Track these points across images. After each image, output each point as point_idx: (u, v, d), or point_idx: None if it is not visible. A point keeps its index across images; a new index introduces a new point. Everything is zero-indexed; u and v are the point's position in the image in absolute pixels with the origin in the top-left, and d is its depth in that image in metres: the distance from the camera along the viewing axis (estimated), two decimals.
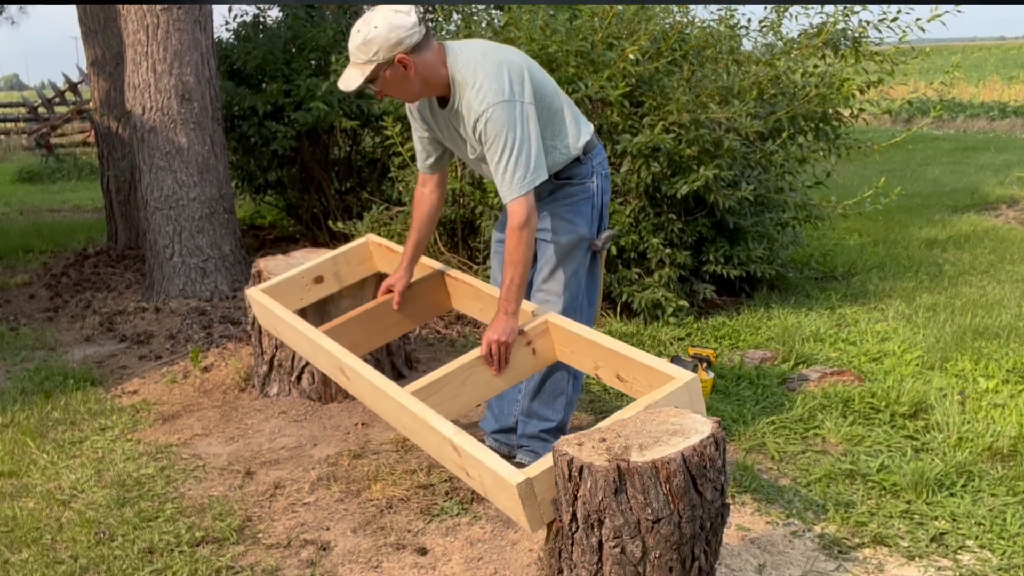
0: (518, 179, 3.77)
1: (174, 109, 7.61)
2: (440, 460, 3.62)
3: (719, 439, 2.94)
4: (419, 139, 4.30)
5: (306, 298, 4.97)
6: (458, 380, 3.85)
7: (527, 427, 4.40)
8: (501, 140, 3.75)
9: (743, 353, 6.09)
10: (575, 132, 4.12)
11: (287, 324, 4.52)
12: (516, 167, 3.76)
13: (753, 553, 3.73)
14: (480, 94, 3.76)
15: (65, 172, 18.92)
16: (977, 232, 9.65)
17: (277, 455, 4.77)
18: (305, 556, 3.79)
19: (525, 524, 3.10)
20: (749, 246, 6.98)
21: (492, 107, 3.74)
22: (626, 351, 3.62)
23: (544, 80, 4.04)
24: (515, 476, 3.03)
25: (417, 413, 3.52)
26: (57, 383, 5.90)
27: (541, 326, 3.98)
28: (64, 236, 11.46)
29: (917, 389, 5.22)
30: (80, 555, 3.83)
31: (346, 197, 9.63)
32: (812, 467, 4.45)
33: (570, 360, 3.98)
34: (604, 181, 4.25)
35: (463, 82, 3.83)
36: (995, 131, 21.00)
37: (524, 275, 3.85)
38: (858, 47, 7.45)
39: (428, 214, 4.45)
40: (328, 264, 5.05)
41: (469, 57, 3.86)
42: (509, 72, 3.81)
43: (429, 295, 4.67)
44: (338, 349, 4.11)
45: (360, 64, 3.78)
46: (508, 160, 3.75)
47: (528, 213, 3.78)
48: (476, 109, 3.77)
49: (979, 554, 3.70)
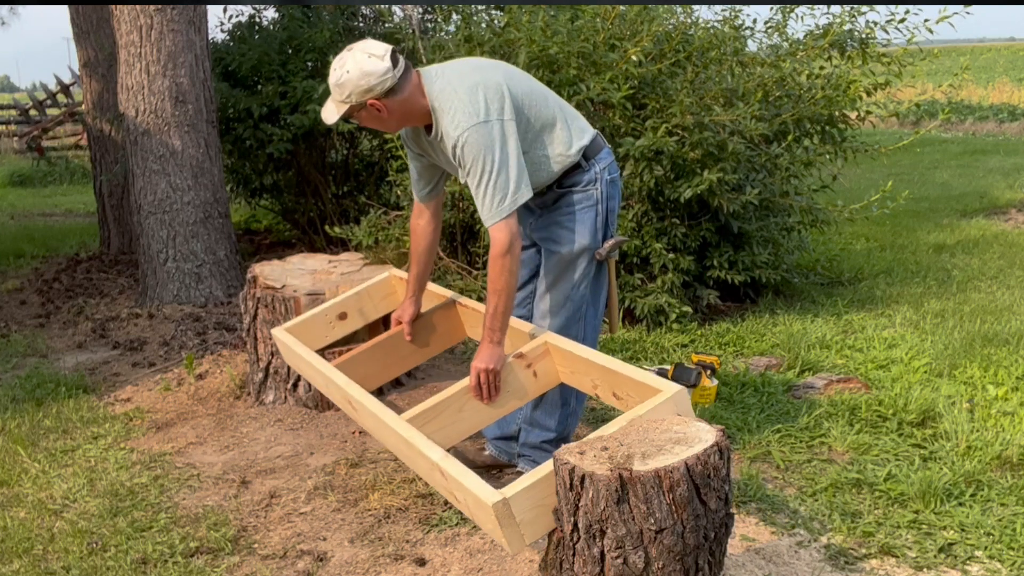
0: (497, 202, 3.69)
1: (168, 111, 7.57)
2: (435, 486, 3.60)
3: (723, 447, 2.91)
4: (415, 167, 4.26)
5: (330, 335, 4.93)
6: (455, 406, 3.81)
7: (529, 436, 4.34)
8: (479, 164, 3.68)
9: (748, 360, 6.04)
10: (568, 138, 4.00)
11: (304, 360, 4.51)
12: (495, 190, 3.68)
13: (758, 564, 3.68)
14: (455, 120, 3.72)
15: (57, 176, 18.96)
16: (986, 237, 9.60)
17: (273, 464, 4.71)
18: (301, 567, 3.75)
19: (505, 544, 3.06)
20: (754, 251, 6.92)
21: (466, 131, 3.69)
22: (620, 368, 3.57)
23: (529, 91, 3.96)
24: (491, 496, 2.97)
25: (409, 439, 3.49)
26: (49, 391, 5.86)
27: (540, 348, 3.92)
28: (56, 241, 11.44)
29: (925, 397, 5.16)
30: (72, 566, 3.80)
31: (343, 201, 9.61)
32: (818, 476, 4.39)
33: (571, 380, 3.92)
34: (610, 187, 4.13)
35: (439, 109, 3.79)
36: (1004, 134, 20.97)
37: (508, 303, 3.79)
38: (865, 48, 7.43)
39: (427, 247, 4.41)
40: (352, 300, 5.01)
41: (444, 83, 3.83)
42: (485, 92, 3.75)
43: (441, 325, 4.65)
44: (345, 381, 4.08)
45: (336, 100, 3.83)
46: (487, 184, 3.68)
47: (510, 239, 3.70)
48: (452, 135, 3.73)
49: (988, 565, 3.65)
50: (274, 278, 5.40)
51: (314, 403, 5.32)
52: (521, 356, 3.88)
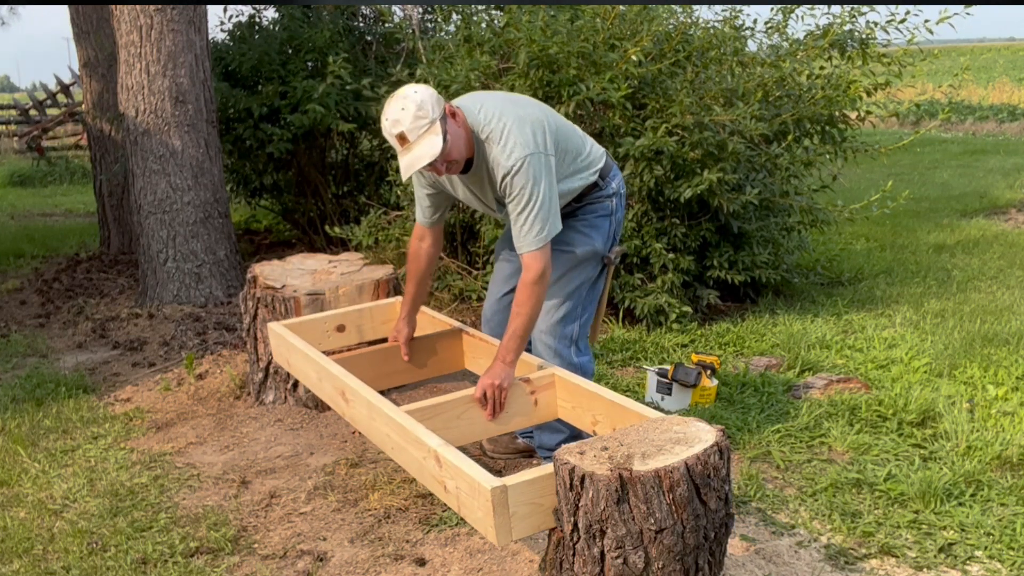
0: (537, 231, 3.83)
1: (168, 111, 7.56)
2: (420, 478, 3.57)
3: (723, 448, 2.93)
4: (425, 195, 4.31)
5: (325, 343, 4.91)
6: (455, 411, 3.83)
7: (543, 438, 4.51)
8: (527, 193, 3.80)
9: (748, 360, 6.03)
10: (590, 163, 4.22)
11: (299, 352, 4.51)
12: (536, 220, 3.81)
13: (758, 564, 3.68)
14: (507, 148, 3.82)
15: (57, 175, 18.94)
16: (986, 237, 9.58)
17: (273, 464, 4.71)
18: (301, 567, 3.75)
19: (492, 535, 3.04)
20: (754, 251, 6.92)
21: (521, 160, 3.79)
22: (624, 403, 3.58)
23: (562, 124, 4.16)
24: (490, 481, 2.98)
25: (406, 426, 3.50)
26: (49, 390, 5.86)
27: (547, 378, 4.00)
28: (56, 241, 11.43)
29: (925, 397, 5.15)
30: (72, 566, 3.81)
31: (343, 201, 9.60)
32: (818, 476, 4.39)
33: (570, 416, 3.98)
34: (621, 200, 4.35)
35: (489, 139, 3.87)
36: (1004, 134, 20.92)
37: (529, 327, 3.90)
38: (865, 49, 7.41)
39: (426, 269, 4.47)
40: (353, 315, 5.04)
41: (490, 113, 3.91)
42: (532, 125, 3.89)
43: (442, 351, 4.68)
44: (342, 372, 4.11)
45: (425, 132, 3.73)
46: (530, 214, 3.81)
47: (544, 267, 3.85)
48: (504, 164, 3.81)
49: (988, 565, 3.65)
50: (274, 278, 5.40)
51: (314, 403, 5.31)
52: (528, 381, 3.95)
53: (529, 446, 4.67)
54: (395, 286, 5.43)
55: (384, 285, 5.36)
